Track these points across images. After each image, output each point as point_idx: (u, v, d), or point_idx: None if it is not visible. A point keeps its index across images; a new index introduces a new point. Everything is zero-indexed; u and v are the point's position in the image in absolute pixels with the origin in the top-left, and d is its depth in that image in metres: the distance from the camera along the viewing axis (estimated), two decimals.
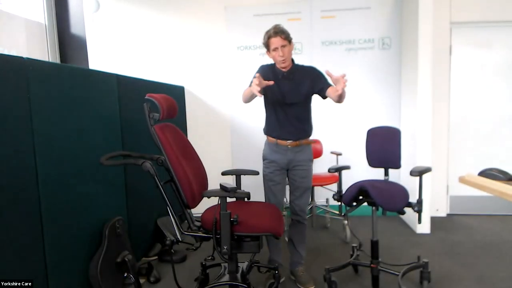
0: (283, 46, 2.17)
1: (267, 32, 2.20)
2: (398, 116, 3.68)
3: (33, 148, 1.65)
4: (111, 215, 2.22)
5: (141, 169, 1.76)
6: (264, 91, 2.22)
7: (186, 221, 1.89)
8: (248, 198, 1.93)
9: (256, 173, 2.32)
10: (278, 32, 2.16)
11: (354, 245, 2.58)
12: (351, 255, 2.55)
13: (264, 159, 2.37)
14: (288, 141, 2.27)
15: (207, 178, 2.15)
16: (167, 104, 1.88)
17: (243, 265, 2.18)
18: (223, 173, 2.32)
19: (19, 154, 1.59)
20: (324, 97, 2.25)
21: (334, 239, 3.19)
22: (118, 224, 2.20)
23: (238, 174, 2.29)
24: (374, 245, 2.22)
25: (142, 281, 2.40)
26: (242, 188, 2.17)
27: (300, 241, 2.42)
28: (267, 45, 2.23)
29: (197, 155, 2.14)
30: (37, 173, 1.67)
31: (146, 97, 1.83)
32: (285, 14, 3.66)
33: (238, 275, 2.03)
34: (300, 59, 3.74)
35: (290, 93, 2.25)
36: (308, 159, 2.35)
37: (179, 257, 2.77)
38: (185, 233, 1.84)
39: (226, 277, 2.05)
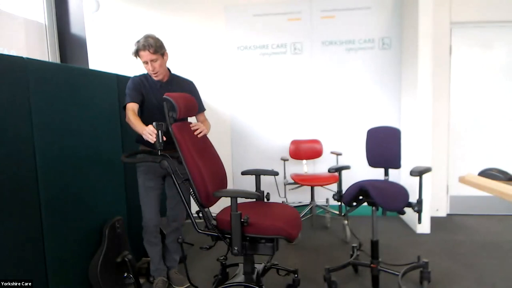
0: (152, 60, 2.08)
1: (137, 42, 2.09)
2: (398, 116, 3.68)
3: (33, 148, 1.66)
4: (111, 215, 2.23)
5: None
6: (141, 102, 2.12)
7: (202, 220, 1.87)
8: (259, 199, 1.91)
9: (276, 173, 2.27)
10: (146, 46, 2.05)
11: (354, 245, 2.58)
12: (351, 255, 2.55)
13: (141, 167, 2.23)
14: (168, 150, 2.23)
15: (226, 178, 2.13)
16: (184, 103, 1.88)
17: (259, 267, 2.13)
18: (243, 173, 2.27)
19: (19, 154, 1.59)
20: None
21: (334, 239, 3.19)
22: (118, 224, 2.21)
23: (257, 174, 2.23)
24: (374, 245, 2.22)
25: (142, 281, 2.40)
26: (262, 188, 2.16)
27: (176, 249, 2.43)
28: (136, 56, 2.11)
29: (217, 154, 2.13)
30: (37, 173, 1.67)
31: (163, 96, 1.83)
32: (285, 14, 3.65)
33: (254, 276, 2.00)
34: (300, 59, 3.76)
35: None
36: None
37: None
38: (200, 231, 1.83)
39: (241, 278, 2.02)
